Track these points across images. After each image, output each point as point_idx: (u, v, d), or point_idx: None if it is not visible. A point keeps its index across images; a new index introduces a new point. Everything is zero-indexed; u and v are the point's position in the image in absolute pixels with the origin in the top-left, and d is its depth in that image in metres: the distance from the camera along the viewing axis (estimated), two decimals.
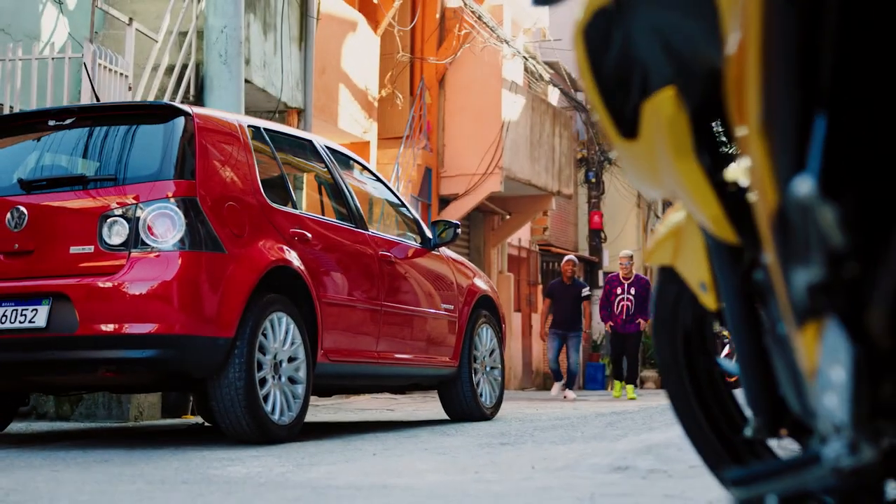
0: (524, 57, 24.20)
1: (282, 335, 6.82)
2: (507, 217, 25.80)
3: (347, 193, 8.06)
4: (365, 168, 8.93)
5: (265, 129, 7.52)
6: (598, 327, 31.85)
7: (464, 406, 9.03)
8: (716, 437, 2.53)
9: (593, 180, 32.29)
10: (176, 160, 6.55)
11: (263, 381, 6.66)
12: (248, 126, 7.29)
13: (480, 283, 9.50)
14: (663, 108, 2.00)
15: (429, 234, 8.89)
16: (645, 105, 2.05)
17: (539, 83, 27.78)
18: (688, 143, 1.98)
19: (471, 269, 9.64)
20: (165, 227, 6.36)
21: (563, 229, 32.61)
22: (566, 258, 18.70)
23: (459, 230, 8.95)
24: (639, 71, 2.07)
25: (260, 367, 6.63)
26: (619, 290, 17.75)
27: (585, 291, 18.30)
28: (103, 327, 6.28)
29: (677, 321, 2.55)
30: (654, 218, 41.38)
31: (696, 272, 2.30)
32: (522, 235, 28.15)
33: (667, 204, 40.89)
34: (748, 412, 2.54)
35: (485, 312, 9.42)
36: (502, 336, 9.73)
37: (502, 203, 24.87)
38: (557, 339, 17.99)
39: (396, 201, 9.03)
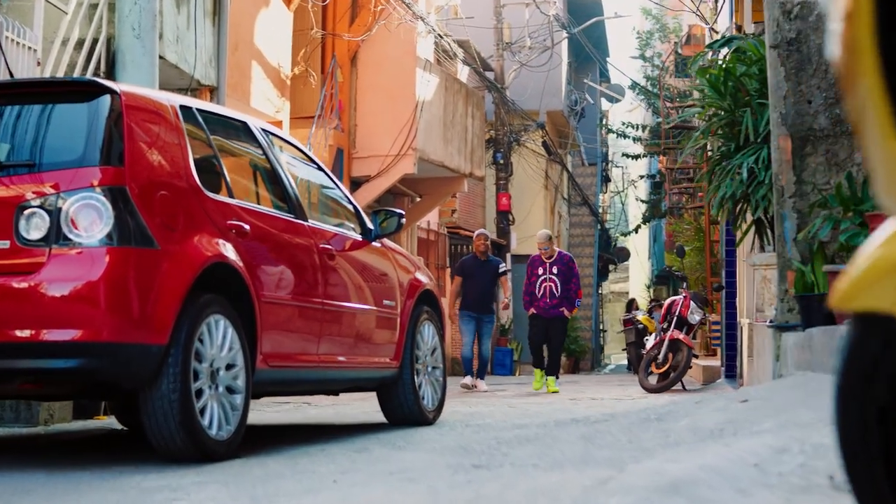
0: (439, 35, 23.53)
1: (219, 340, 6.10)
2: (418, 199, 25.14)
3: (286, 180, 7.34)
4: (302, 152, 8.19)
5: (198, 109, 6.77)
6: (506, 312, 31.41)
7: (405, 410, 8.36)
8: None
9: (501, 161, 31.74)
10: (102, 144, 5.78)
11: (200, 393, 5.94)
12: (180, 106, 6.54)
13: (422, 277, 8.82)
14: None
15: (369, 224, 8.19)
16: None
17: (450, 62, 27.15)
18: None
19: (411, 260, 8.96)
20: (91, 219, 5.60)
21: (471, 211, 32.11)
22: (478, 232, 17.48)
23: (404, 220, 8.27)
24: None
25: (196, 377, 5.91)
26: (540, 271, 16.49)
27: (503, 267, 17.21)
28: (20, 333, 5.51)
29: (873, 387, 1.91)
30: (561, 200, 41.01)
31: None
32: (431, 218, 27.54)
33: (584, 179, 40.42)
34: None
35: (427, 308, 8.73)
36: (443, 333, 9.07)
37: (413, 185, 24.19)
38: (472, 323, 16.84)
39: (335, 188, 8.32)
